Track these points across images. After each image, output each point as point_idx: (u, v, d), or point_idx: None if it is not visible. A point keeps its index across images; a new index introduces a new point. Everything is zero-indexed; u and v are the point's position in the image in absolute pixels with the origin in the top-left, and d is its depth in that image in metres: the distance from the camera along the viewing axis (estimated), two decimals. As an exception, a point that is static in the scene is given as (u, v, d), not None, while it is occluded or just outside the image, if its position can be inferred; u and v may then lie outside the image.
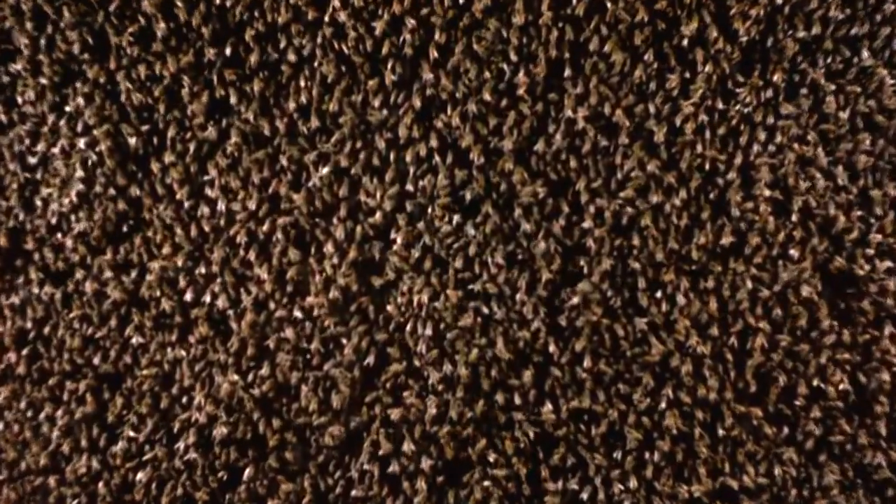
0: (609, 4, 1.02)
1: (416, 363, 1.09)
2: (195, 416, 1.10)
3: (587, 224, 1.07)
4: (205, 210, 1.10)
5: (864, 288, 1.06)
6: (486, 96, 1.05)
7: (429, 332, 1.08)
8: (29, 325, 1.14)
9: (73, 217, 1.12)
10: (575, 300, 1.07)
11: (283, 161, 1.09)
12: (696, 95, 1.04)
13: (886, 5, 1.03)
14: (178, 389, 1.12)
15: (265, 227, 1.09)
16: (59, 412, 1.13)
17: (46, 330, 1.13)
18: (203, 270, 1.11)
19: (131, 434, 1.12)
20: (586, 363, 1.07)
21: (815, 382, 1.06)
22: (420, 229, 1.08)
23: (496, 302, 1.08)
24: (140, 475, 1.11)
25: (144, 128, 1.10)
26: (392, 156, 1.08)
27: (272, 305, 1.10)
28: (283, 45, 1.07)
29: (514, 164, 1.07)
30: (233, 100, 1.08)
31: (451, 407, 1.08)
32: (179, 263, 1.11)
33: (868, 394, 1.07)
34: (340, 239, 1.08)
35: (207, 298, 1.10)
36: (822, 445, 1.07)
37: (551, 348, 1.07)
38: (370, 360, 1.09)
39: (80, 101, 1.09)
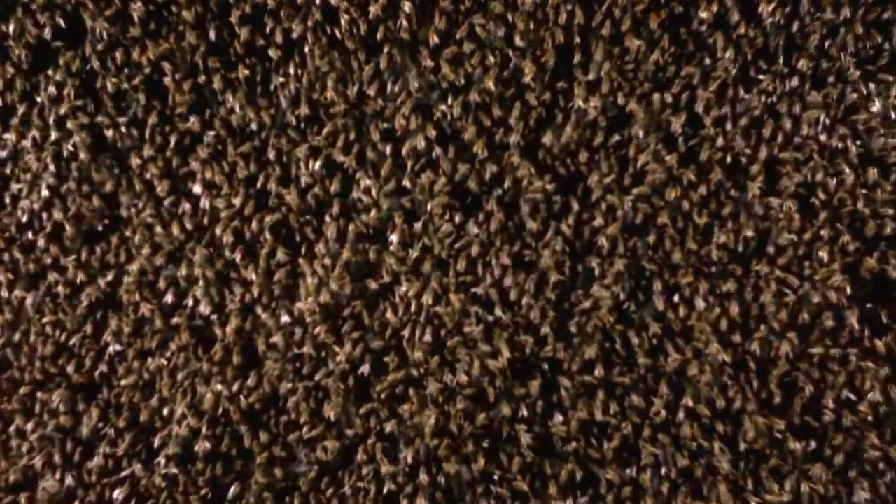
0: (623, -15, 1.05)
1: (415, 372, 1.08)
2: (176, 430, 1.09)
3: (598, 222, 1.06)
4: (187, 207, 1.10)
5: (896, 291, 1.08)
6: (490, 85, 1.05)
7: (428, 338, 1.07)
8: (-3, 331, 1.15)
9: (44, 215, 1.12)
10: (585, 304, 1.06)
11: (271, 154, 1.09)
12: (716, 84, 1.04)
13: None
14: (158, 400, 1.11)
15: (252, 226, 1.09)
16: (31, 425, 1.12)
17: (16, 336, 1.13)
18: (185, 272, 1.10)
19: (108, 449, 1.10)
20: (597, 372, 1.06)
21: (843, 393, 1.05)
22: (418, 228, 1.07)
23: (501, 306, 1.07)
24: (117, 492, 1.10)
25: (122, 119, 1.10)
26: (388, 149, 1.07)
27: (259, 310, 1.09)
28: (270, 28, 1.07)
29: (520, 158, 1.06)
30: (217, 87, 1.08)
31: (451, 419, 1.06)
32: (160, 265, 1.10)
33: (901, 406, 1.08)
34: (333, 238, 1.08)
35: (190, 302, 1.10)
36: (851, 461, 1.06)
37: (560, 356, 1.06)
38: (365, 368, 1.08)
39: (53, 89, 1.09)
